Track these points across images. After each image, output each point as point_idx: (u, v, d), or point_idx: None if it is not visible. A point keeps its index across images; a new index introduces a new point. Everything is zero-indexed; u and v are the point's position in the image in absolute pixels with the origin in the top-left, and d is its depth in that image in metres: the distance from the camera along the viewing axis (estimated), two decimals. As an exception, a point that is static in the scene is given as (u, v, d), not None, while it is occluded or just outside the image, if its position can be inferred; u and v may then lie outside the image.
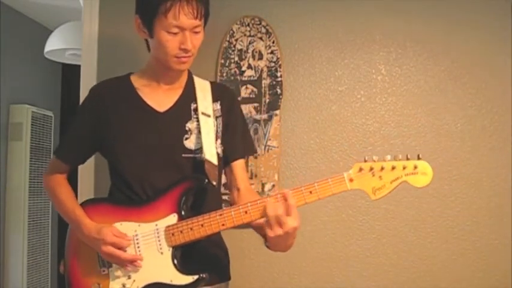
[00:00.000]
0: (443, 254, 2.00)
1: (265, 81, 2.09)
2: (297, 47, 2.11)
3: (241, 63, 2.10)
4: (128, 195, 1.46)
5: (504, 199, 1.99)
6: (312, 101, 2.09)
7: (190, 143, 1.46)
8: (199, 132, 1.46)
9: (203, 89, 1.54)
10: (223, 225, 1.33)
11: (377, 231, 2.03)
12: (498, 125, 2.02)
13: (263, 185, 2.04)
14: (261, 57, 2.10)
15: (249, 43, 2.10)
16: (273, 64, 2.09)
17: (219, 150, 1.50)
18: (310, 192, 1.28)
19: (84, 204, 1.50)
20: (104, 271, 1.41)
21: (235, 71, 2.09)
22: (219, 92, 1.56)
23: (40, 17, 3.85)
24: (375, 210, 2.03)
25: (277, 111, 2.07)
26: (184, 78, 1.55)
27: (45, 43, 3.28)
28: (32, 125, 3.69)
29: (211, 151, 1.45)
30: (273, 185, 2.06)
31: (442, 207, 2.01)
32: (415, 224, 2.01)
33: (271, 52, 2.09)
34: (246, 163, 1.98)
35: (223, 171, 1.56)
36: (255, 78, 2.09)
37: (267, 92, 2.08)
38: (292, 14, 2.11)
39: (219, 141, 1.51)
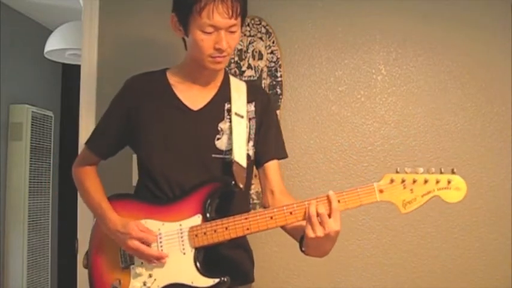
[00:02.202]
0: (443, 254, 2.00)
1: (265, 81, 2.09)
2: (297, 47, 2.11)
3: (241, 63, 2.10)
4: (154, 193, 1.45)
5: (504, 199, 1.99)
6: (312, 101, 2.09)
7: (221, 144, 1.44)
8: (231, 133, 1.44)
9: (238, 90, 1.51)
10: (247, 229, 1.31)
11: (377, 231, 2.03)
12: (498, 125, 2.02)
13: (263, 185, 2.03)
14: (261, 57, 2.10)
15: (249, 43, 2.10)
16: (273, 64, 2.09)
17: (251, 152, 1.48)
18: (339, 201, 1.26)
19: (110, 199, 1.49)
20: (125, 267, 1.40)
21: (235, 71, 2.09)
22: (254, 93, 1.53)
23: (40, 17, 3.85)
24: (375, 210, 2.03)
25: (277, 111, 2.07)
26: (220, 78, 1.53)
27: (45, 43, 3.29)
28: (32, 125, 3.69)
29: (241, 153, 1.42)
30: (273, 185, 2.05)
31: (442, 207, 2.00)
32: (415, 224, 2.01)
33: (271, 52, 2.09)
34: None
35: (253, 174, 1.53)
36: (255, 78, 2.09)
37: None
38: (292, 14, 2.11)
39: (251, 143, 1.48)
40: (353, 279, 2.02)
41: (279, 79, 2.08)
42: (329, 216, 1.24)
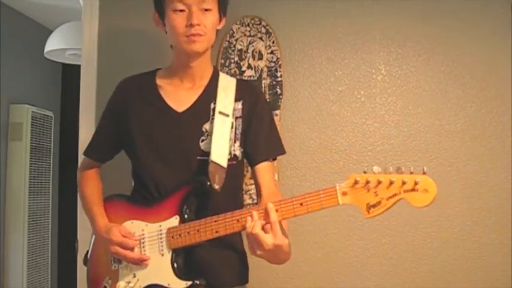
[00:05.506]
0: (443, 254, 2.00)
1: (265, 81, 2.09)
2: (297, 47, 2.11)
3: (241, 63, 2.10)
4: (142, 194, 1.47)
5: (504, 199, 1.99)
6: (312, 101, 2.09)
7: (206, 146, 1.42)
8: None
9: (226, 88, 1.48)
10: (216, 232, 1.30)
11: (377, 231, 2.03)
12: (498, 125, 2.02)
13: (263, 185, 2.03)
14: (261, 57, 2.10)
15: (249, 43, 2.10)
16: (273, 64, 2.09)
17: (238, 153, 1.46)
18: (301, 204, 1.20)
19: (106, 199, 1.52)
20: (114, 267, 1.43)
21: (235, 71, 2.09)
22: (243, 91, 1.50)
23: (40, 17, 3.85)
24: (375, 210, 2.02)
25: (277, 111, 2.07)
26: (207, 76, 1.51)
27: (45, 43, 3.29)
28: (32, 125, 3.69)
29: (220, 152, 1.40)
30: (273, 185, 2.05)
31: (442, 207, 2.01)
32: (415, 224, 2.01)
33: (271, 52, 2.09)
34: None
35: (244, 174, 1.54)
36: (255, 78, 2.09)
37: (267, 92, 2.08)
38: (292, 14, 2.11)
39: (237, 143, 1.46)
40: (353, 279, 2.02)
41: (279, 79, 2.08)
42: (266, 231, 1.19)
